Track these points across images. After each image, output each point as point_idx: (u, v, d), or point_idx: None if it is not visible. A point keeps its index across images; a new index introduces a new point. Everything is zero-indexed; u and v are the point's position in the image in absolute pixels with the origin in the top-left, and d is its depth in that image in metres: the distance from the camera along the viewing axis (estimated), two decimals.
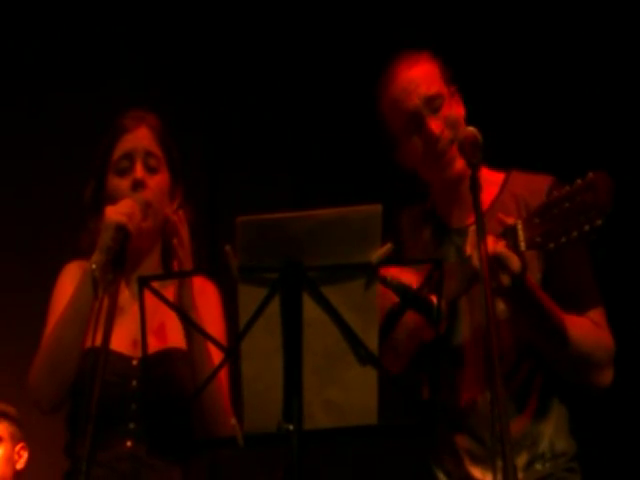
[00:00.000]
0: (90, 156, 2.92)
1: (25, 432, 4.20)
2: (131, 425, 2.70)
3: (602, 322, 2.72)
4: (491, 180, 2.84)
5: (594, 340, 2.66)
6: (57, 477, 2.75)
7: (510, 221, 2.52)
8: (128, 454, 2.68)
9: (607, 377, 2.69)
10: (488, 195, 2.79)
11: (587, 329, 2.66)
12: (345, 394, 2.29)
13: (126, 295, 2.82)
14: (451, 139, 2.75)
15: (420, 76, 2.78)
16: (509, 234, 2.50)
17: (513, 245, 2.49)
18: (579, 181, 2.43)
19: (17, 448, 4.20)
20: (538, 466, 2.67)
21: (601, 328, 2.71)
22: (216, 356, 2.68)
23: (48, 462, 3.44)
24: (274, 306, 2.27)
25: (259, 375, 2.28)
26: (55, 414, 2.74)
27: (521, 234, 2.48)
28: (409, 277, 2.56)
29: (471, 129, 2.64)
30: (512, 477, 2.13)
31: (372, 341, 2.28)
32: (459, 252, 2.70)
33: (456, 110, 2.81)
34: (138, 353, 2.72)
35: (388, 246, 2.26)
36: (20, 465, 4.20)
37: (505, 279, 2.47)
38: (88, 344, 2.65)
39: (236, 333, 2.28)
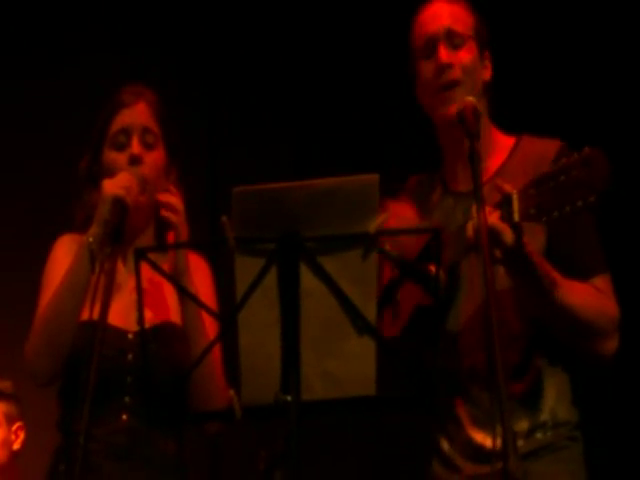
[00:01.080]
0: (87, 130, 2.91)
1: (22, 407, 4.12)
2: (127, 399, 2.69)
3: (607, 289, 2.70)
4: (501, 144, 2.84)
5: (596, 307, 2.64)
6: (47, 452, 2.74)
7: (508, 189, 2.49)
8: (124, 428, 2.68)
9: (611, 346, 2.67)
10: (497, 159, 2.80)
11: (589, 296, 2.64)
12: (343, 365, 2.27)
13: (122, 270, 2.81)
14: (458, 79, 2.75)
15: (452, 12, 2.82)
16: (505, 204, 2.49)
17: (507, 216, 2.47)
18: (575, 155, 2.42)
19: (14, 428, 4.08)
20: (539, 435, 2.66)
21: (605, 295, 2.69)
22: (211, 331, 2.68)
23: (38, 437, 3.45)
24: (271, 277, 2.25)
25: (257, 347, 2.26)
26: (47, 389, 2.73)
27: (516, 205, 2.46)
28: (410, 242, 2.55)
29: (471, 99, 2.63)
30: (510, 441, 2.12)
31: (370, 312, 2.26)
32: (466, 216, 2.66)
33: (479, 68, 2.80)
34: (134, 327, 2.72)
35: (385, 215, 2.24)
36: (17, 445, 4.07)
37: (497, 252, 2.46)
38: (85, 317, 2.64)
39: (233, 304, 2.26)
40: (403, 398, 2.36)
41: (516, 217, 2.46)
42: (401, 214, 2.76)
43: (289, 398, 2.22)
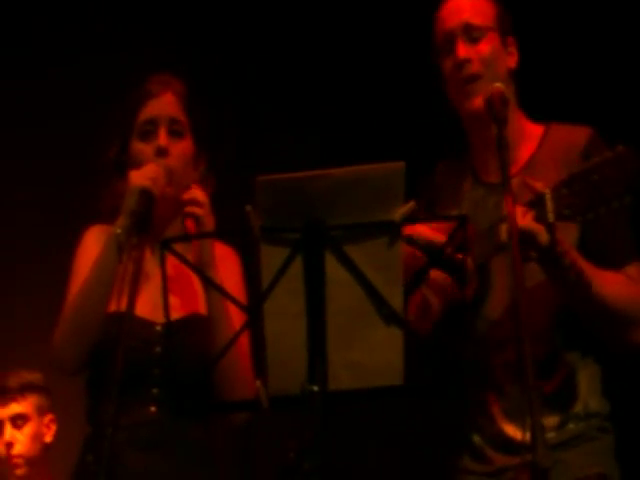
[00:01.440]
0: (112, 118, 2.91)
1: (52, 399, 4.13)
2: (154, 390, 2.69)
3: (638, 277, 2.67)
4: (530, 133, 2.81)
5: (630, 296, 2.63)
6: (77, 444, 2.75)
7: (539, 187, 2.46)
8: (151, 419, 2.68)
9: None
10: (527, 150, 2.78)
11: (622, 286, 2.62)
12: (370, 354, 2.26)
13: (151, 262, 2.80)
14: (477, 73, 2.73)
15: (471, 4, 2.80)
16: (537, 204, 2.46)
17: (541, 216, 2.44)
18: (608, 153, 2.39)
19: (46, 421, 4.11)
20: (571, 425, 2.65)
21: (637, 283, 2.66)
22: (238, 322, 2.67)
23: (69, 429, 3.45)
24: (297, 266, 2.24)
25: (283, 336, 2.25)
26: (77, 381, 2.74)
27: (549, 205, 2.43)
28: (439, 235, 2.52)
29: (498, 85, 2.62)
30: (539, 433, 2.10)
31: (396, 300, 2.24)
32: (497, 209, 2.64)
33: (502, 57, 2.78)
34: (162, 319, 2.71)
35: (411, 204, 2.22)
36: (49, 438, 4.09)
37: (533, 253, 2.44)
38: (113, 308, 2.64)
39: (259, 293, 2.25)
40: (429, 387, 2.34)
41: (551, 218, 2.43)
42: None
43: (315, 388, 2.21)
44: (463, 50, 2.75)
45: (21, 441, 4.06)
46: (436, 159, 2.97)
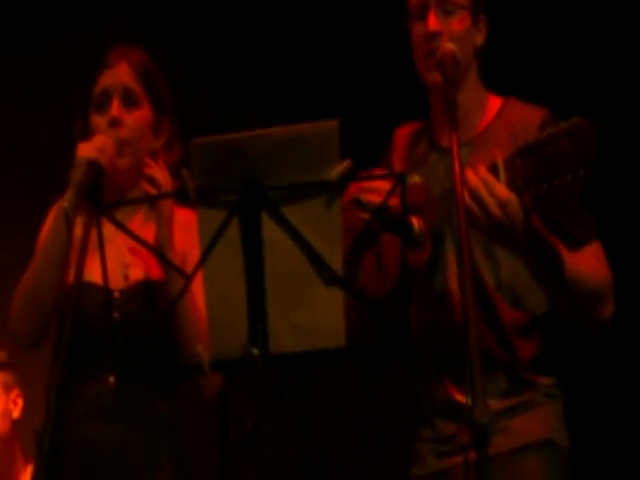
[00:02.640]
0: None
1: (17, 374, 4.13)
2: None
3: (600, 255, 2.64)
4: (489, 104, 2.78)
5: (596, 274, 2.59)
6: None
7: (497, 156, 2.42)
8: (111, 388, 2.67)
9: (609, 310, 2.61)
10: (484, 120, 2.76)
11: (589, 265, 2.58)
12: (311, 316, 2.23)
13: (110, 229, 2.79)
14: (444, 52, 2.65)
15: None
16: (491, 173, 2.41)
17: None
18: (563, 124, 2.33)
19: (12, 396, 4.09)
20: (517, 392, 2.62)
21: (600, 261, 2.63)
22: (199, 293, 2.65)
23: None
24: (234, 228, 2.22)
25: (223, 299, 2.23)
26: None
27: (502, 174, 2.39)
28: (392, 199, 2.49)
29: (450, 45, 2.59)
30: (478, 393, 2.07)
31: (336, 260, 2.22)
32: (448, 174, 2.61)
33: (472, 35, 2.74)
34: (121, 284, 2.73)
35: (347, 162, 2.20)
36: (16, 413, 4.04)
37: (494, 207, 2.38)
38: (70, 279, 2.65)
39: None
40: (376, 348, 2.32)
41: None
42: None
43: (256, 351, 2.20)
44: (434, 22, 2.70)
45: None
46: (397, 122, 2.94)
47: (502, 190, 2.37)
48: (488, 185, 2.37)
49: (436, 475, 2.67)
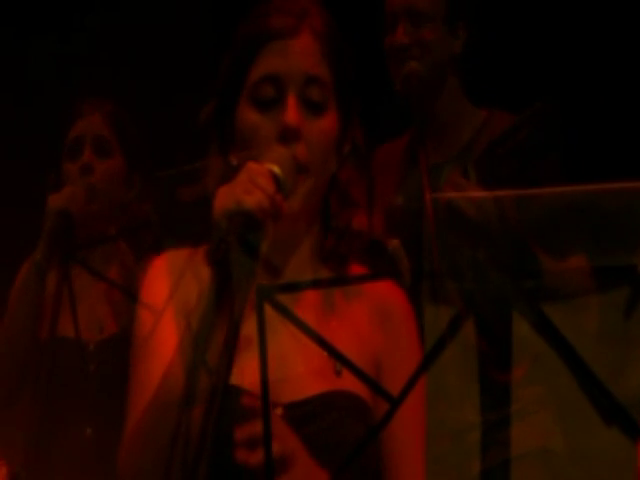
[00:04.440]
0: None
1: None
2: (90, 411, 2.67)
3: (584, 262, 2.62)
4: (472, 118, 2.77)
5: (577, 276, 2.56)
6: None
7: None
8: (88, 441, 2.66)
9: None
10: (467, 133, 2.74)
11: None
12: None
13: (85, 280, 2.81)
14: (409, 72, 2.67)
15: None
16: (463, 176, 2.38)
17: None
18: (526, 111, 2.28)
19: None
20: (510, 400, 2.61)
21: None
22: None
23: None
24: None
25: None
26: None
27: (473, 175, 2.38)
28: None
29: (414, 64, 2.63)
30: None
31: None
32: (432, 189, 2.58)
33: (446, 44, 2.73)
34: (96, 336, 2.73)
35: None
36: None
37: (468, 209, 2.34)
38: (44, 333, 2.64)
39: None
40: None
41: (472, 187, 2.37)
42: None
43: None
44: (402, 35, 2.71)
45: None
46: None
47: (474, 191, 2.36)
48: (460, 189, 2.37)
49: None
